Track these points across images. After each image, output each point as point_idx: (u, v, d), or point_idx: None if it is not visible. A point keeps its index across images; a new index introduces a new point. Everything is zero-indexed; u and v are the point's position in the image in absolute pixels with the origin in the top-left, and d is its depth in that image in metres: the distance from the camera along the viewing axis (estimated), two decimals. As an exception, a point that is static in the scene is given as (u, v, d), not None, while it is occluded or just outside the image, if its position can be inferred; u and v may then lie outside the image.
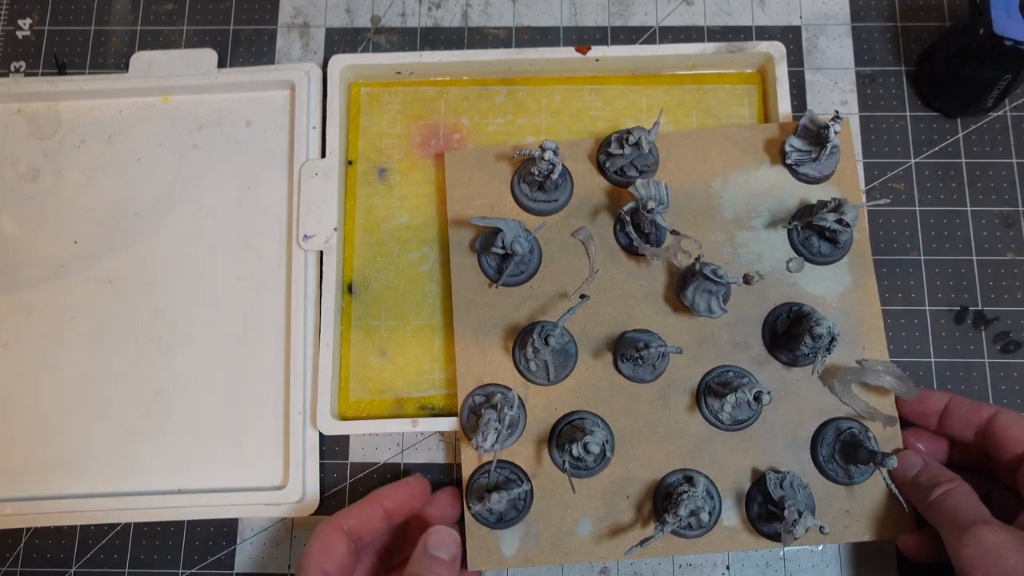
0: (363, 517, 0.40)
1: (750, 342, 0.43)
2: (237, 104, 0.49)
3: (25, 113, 0.49)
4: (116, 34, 0.51)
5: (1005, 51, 0.41)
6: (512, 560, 0.41)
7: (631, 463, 0.42)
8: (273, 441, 0.45)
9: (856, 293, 0.44)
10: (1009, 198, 0.47)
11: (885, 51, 0.50)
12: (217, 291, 0.47)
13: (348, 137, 0.48)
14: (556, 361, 0.43)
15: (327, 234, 0.46)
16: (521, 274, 0.44)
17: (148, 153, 0.48)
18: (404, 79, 0.49)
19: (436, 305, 0.46)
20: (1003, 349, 0.46)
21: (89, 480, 0.45)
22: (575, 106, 0.48)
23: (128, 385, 0.46)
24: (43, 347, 0.46)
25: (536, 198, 0.45)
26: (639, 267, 0.44)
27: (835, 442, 0.42)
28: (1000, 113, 0.48)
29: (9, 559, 0.45)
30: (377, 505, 0.40)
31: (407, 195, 0.48)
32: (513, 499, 0.41)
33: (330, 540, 0.38)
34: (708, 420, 0.42)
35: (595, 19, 0.51)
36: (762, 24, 0.50)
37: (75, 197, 0.48)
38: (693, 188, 0.45)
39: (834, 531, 0.41)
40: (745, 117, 0.48)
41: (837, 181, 0.45)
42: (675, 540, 0.41)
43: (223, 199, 0.48)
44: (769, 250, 0.44)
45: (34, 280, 0.47)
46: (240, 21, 0.51)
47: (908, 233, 0.47)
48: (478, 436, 0.39)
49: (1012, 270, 0.46)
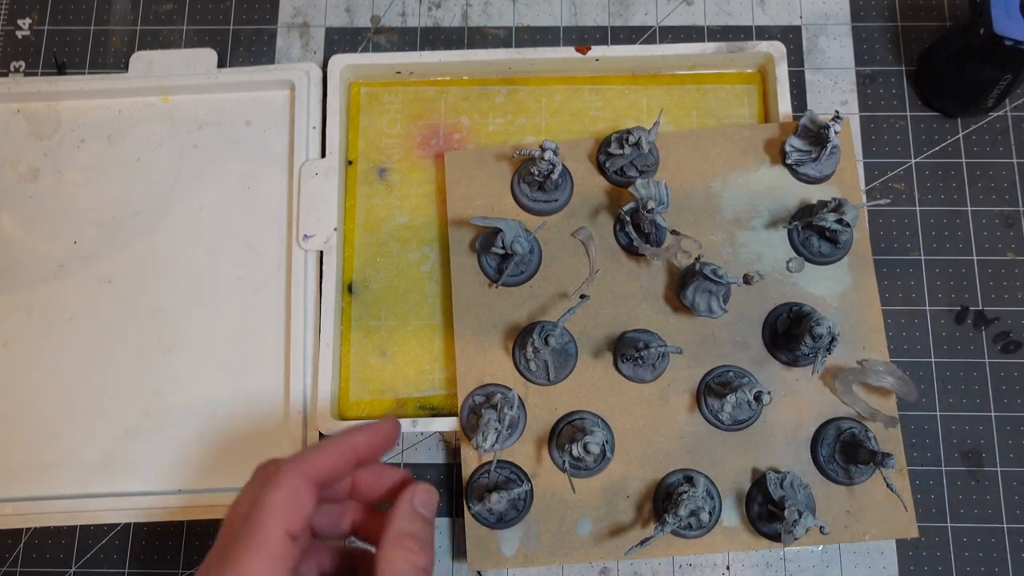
0: (334, 464, 0.31)
1: (750, 342, 0.43)
2: (237, 104, 0.49)
3: (25, 113, 0.49)
4: (116, 34, 0.51)
5: (1005, 51, 0.41)
6: (512, 560, 0.41)
7: (631, 463, 0.42)
8: (273, 441, 0.45)
9: (856, 293, 0.44)
10: (1009, 198, 0.47)
11: (885, 51, 0.50)
12: (217, 291, 0.47)
13: (348, 137, 0.48)
14: (556, 361, 0.43)
15: (327, 234, 0.46)
16: (521, 274, 0.44)
17: (148, 153, 0.48)
18: (404, 79, 0.49)
19: (436, 305, 0.46)
20: (1003, 349, 0.46)
21: (89, 480, 0.44)
22: (575, 106, 0.48)
23: (128, 385, 0.46)
24: (43, 347, 0.46)
25: (536, 198, 0.45)
26: (639, 267, 0.44)
27: (835, 442, 0.42)
28: (1000, 113, 0.48)
29: (9, 559, 0.45)
30: (349, 450, 0.32)
31: (407, 195, 0.48)
32: (513, 499, 0.41)
33: (299, 492, 0.29)
34: (708, 420, 0.42)
35: (595, 19, 0.51)
36: (762, 24, 0.50)
37: (75, 197, 0.48)
38: (693, 188, 0.45)
39: (834, 531, 0.41)
40: (745, 117, 0.48)
41: (837, 181, 0.45)
42: (675, 540, 0.41)
43: (223, 199, 0.48)
44: (769, 250, 0.44)
45: (34, 280, 0.47)
46: (240, 21, 0.51)
47: (908, 233, 0.47)
48: (478, 436, 0.39)
49: (1012, 270, 0.46)
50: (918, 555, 0.43)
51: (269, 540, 0.28)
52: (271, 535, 0.28)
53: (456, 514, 0.44)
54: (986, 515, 0.43)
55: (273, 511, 0.28)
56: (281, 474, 0.30)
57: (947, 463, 0.44)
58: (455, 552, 0.44)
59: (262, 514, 0.28)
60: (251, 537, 0.28)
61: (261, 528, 0.28)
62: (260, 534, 0.28)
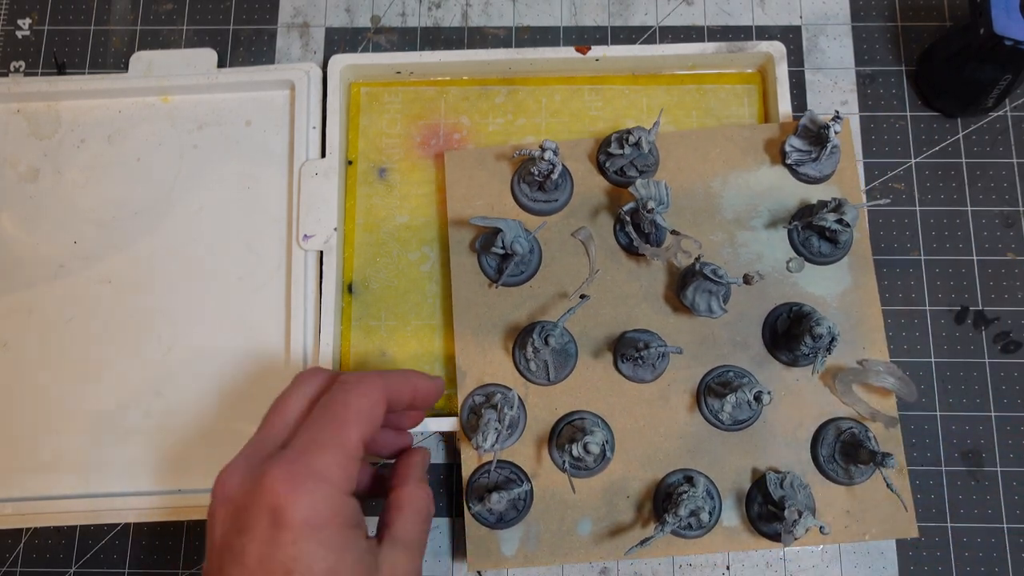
0: (401, 394, 0.35)
1: (750, 342, 0.43)
2: (237, 104, 0.49)
3: (25, 113, 0.49)
4: (116, 34, 0.51)
5: (1005, 51, 0.41)
6: (512, 560, 0.41)
7: (631, 463, 0.42)
8: (273, 441, 0.45)
9: (856, 293, 0.44)
10: (1009, 198, 0.47)
11: (885, 51, 0.50)
12: (217, 291, 0.47)
13: (348, 137, 0.48)
14: (556, 361, 0.43)
15: (327, 234, 0.46)
16: (521, 274, 0.44)
17: (148, 153, 0.48)
18: (404, 79, 0.49)
19: (436, 305, 0.46)
20: (1003, 349, 0.46)
21: (89, 480, 0.44)
22: (575, 106, 0.48)
23: (128, 385, 0.46)
24: (43, 347, 0.46)
25: (536, 198, 0.45)
26: (639, 267, 0.44)
27: (835, 442, 0.42)
28: (1000, 113, 0.48)
29: (9, 559, 0.45)
30: (411, 388, 0.36)
31: (407, 195, 0.48)
32: (513, 499, 0.41)
33: (377, 404, 0.33)
34: (708, 420, 0.42)
35: (595, 19, 0.51)
36: (762, 24, 0.50)
37: (75, 197, 0.48)
38: (693, 188, 0.45)
39: (834, 531, 0.41)
40: (745, 117, 0.48)
41: (837, 181, 0.45)
42: (675, 540, 0.41)
43: (223, 199, 0.48)
44: (769, 250, 0.44)
45: (34, 280, 0.47)
46: (240, 21, 0.51)
47: (908, 233, 0.47)
48: (478, 436, 0.39)
49: (1012, 270, 0.46)
50: (918, 555, 0.43)
51: (349, 439, 0.31)
52: (351, 435, 0.31)
53: (456, 514, 0.44)
54: (986, 515, 0.43)
55: (357, 414, 0.31)
56: (365, 384, 0.32)
57: (947, 463, 0.44)
58: (455, 552, 0.44)
59: (347, 414, 0.31)
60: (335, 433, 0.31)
61: (344, 427, 0.31)
62: (343, 432, 0.31)
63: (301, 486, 0.29)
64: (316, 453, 0.31)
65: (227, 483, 0.31)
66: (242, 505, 0.30)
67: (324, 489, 0.30)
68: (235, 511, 0.30)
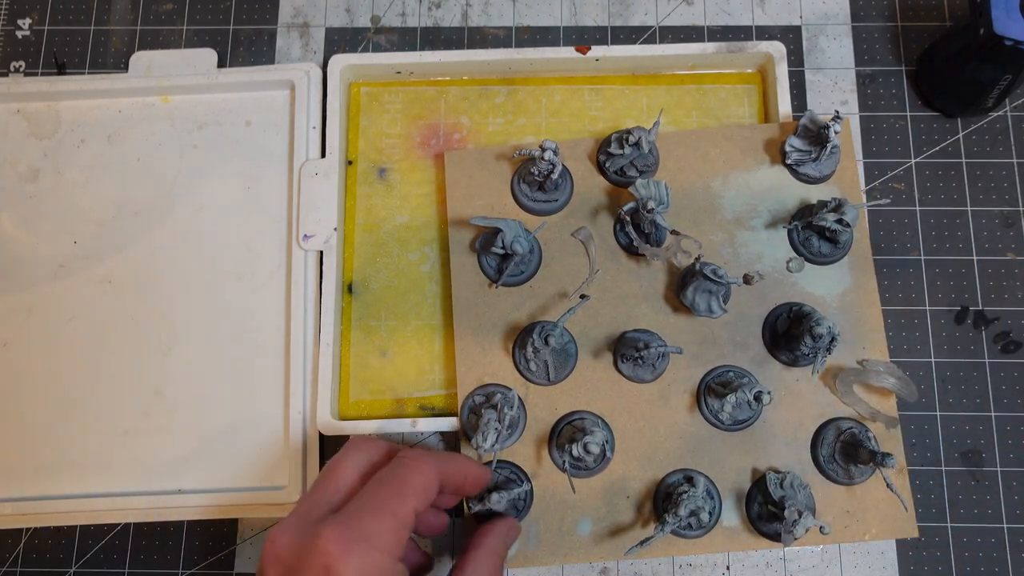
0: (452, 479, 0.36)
1: (750, 342, 0.43)
2: (237, 104, 0.49)
3: (25, 113, 0.49)
4: (116, 34, 0.51)
5: (1005, 51, 0.41)
6: (512, 560, 0.41)
7: (631, 463, 0.42)
8: (273, 441, 0.45)
9: (856, 293, 0.44)
10: (1009, 198, 0.47)
11: (885, 51, 0.50)
12: (217, 291, 0.47)
13: (348, 137, 0.48)
14: (556, 361, 0.43)
15: (327, 234, 0.46)
16: (521, 274, 0.44)
17: (148, 153, 0.48)
18: (404, 79, 0.49)
19: (436, 305, 0.46)
20: (1003, 349, 0.46)
21: (89, 480, 0.44)
22: (575, 106, 0.48)
23: (128, 385, 0.46)
24: (43, 347, 0.46)
25: (536, 198, 0.45)
26: (639, 267, 0.44)
27: (835, 442, 0.42)
28: (1000, 113, 0.48)
29: (9, 559, 0.45)
30: (462, 475, 0.37)
31: (407, 195, 0.48)
32: (513, 499, 0.41)
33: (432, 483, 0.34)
34: (708, 420, 0.42)
35: (595, 19, 0.51)
36: (762, 24, 0.50)
37: (75, 197, 0.48)
38: (693, 188, 0.45)
39: (834, 531, 0.41)
40: (745, 117, 0.48)
41: (837, 181, 0.45)
42: (675, 540, 0.41)
43: (223, 199, 0.48)
44: (769, 250, 0.44)
45: (34, 280, 0.47)
46: (240, 21, 0.51)
47: (908, 233, 0.47)
48: (478, 436, 0.39)
49: (1012, 270, 0.46)
50: (918, 555, 0.43)
51: (403, 509, 0.32)
52: (406, 505, 0.32)
53: (456, 514, 0.44)
54: (986, 515, 0.43)
55: (412, 489, 0.33)
56: (423, 462, 0.34)
57: (947, 463, 0.44)
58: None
59: (404, 488, 0.33)
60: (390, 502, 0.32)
61: (399, 498, 0.32)
62: (398, 502, 0.32)
63: (353, 548, 0.30)
64: (369, 518, 0.31)
65: (278, 542, 0.31)
66: (293, 566, 0.31)
67: (375, 554, 0.30)
68: (285, 571, 0.31)
